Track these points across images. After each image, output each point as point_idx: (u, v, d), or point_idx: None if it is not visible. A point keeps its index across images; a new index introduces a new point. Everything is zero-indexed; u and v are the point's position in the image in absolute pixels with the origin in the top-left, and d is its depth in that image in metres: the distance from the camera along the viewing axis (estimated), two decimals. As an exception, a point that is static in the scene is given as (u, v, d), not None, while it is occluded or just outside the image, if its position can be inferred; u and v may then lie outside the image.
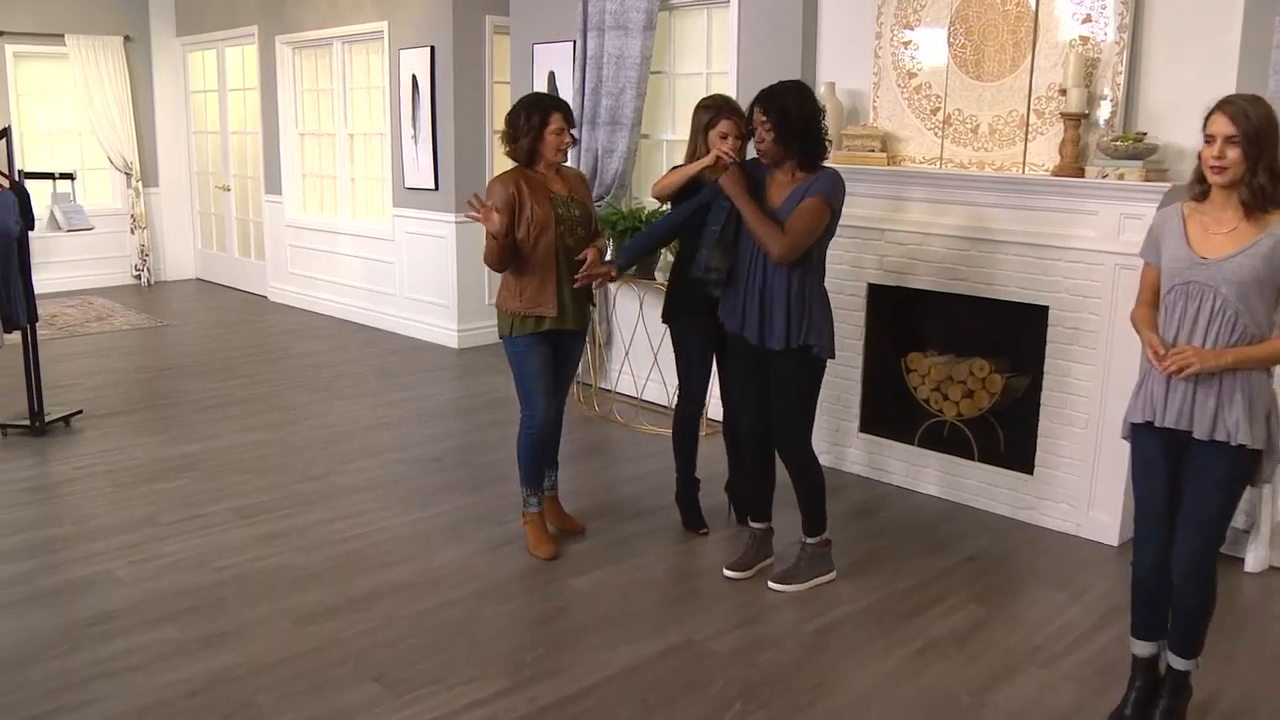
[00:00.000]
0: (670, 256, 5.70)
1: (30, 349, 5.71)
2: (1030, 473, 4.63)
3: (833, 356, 3.84)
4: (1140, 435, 2.94)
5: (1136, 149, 4.11)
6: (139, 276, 10.74)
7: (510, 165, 4.10)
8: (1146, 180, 4.08)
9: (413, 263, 8.33)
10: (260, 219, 10.20)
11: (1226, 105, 2.70)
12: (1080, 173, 4.30)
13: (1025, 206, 4.48)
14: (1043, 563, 4.26)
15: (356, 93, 8.88)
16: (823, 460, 4.12)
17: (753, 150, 3.82)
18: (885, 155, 4.93)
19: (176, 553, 4.20)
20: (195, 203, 11.23)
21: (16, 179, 5.60)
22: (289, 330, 8.72)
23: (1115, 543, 4.37)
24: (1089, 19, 4.33)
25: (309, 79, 9.38)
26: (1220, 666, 3.36)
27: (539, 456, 4.21)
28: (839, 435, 5.26)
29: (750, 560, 4.06)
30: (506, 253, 3.94)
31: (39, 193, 6.31)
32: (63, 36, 9.93)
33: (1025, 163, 4.56)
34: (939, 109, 4.83)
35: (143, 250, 10.68)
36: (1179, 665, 3.00)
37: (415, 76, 7.91)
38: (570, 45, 6.61)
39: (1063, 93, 4.34)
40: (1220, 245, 2.77)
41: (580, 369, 4.90)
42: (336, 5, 8.64)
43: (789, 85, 3.70)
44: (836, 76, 5.19)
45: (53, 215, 6.24)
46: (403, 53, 8.01)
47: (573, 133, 4.03)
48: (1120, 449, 4.27)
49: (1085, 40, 4.35)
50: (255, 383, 6.93)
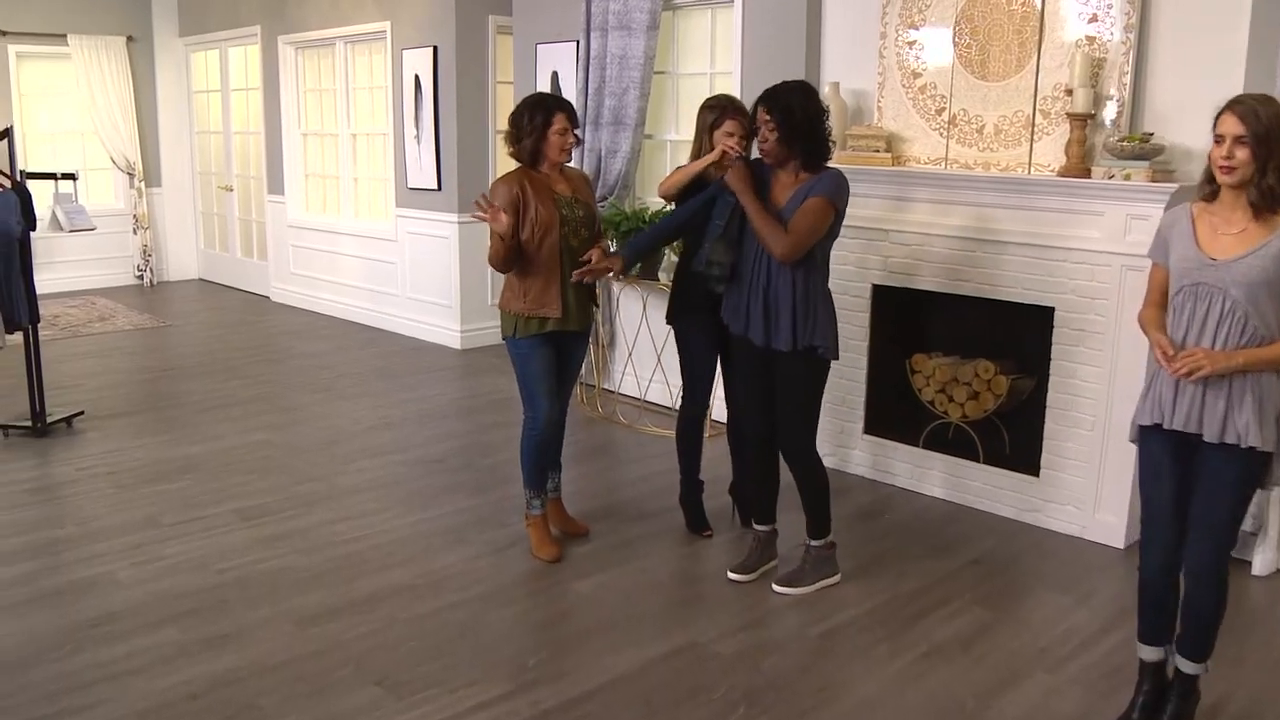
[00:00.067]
0: (674, 257, 5.69)
1: (32, 350, 5.70)
2: (1036, 475, 4.61)
3: (837, 358, 3.83)
4: (1148, 438, 2.92)
5: (1143, 149, 4.09)
6: (142, 277, 10.74)
7: (514, 166, 4.08)
8: (1153, 181, 4.05)
9: (415, 263, 8.32)
10: (263, 219, 10.19)
11: (1236, 105, 2.68)
12: (1086, 173, 4.28)
13: (1031, 207, 4.45)
14: (1048, 565, 4.24)
15: (359, 93, 8.87)
16: (827, 462, 4.10)
17: (756, 150, 3.80)
18: (890, 156, 4.91)
19: (178, 554, 4.19)
20: (198, 203, 11.22)
21: (18, 179, 5.58)
22: (291, 331, 8.71)
23: (1121, 545, 4.35)
24: (1095, 19, 4.31)
25: (311, 79, 9.37)
26: (1228, 670, 3.33)
27: (542, 458, 4.19)
28: (843, 437, 5.24)
29: (754, 563, 4.04)
30: (512, 254, 3.92)
31: (41, 193, 6.30)
32: (65, 37, 9.92)
33: (1031, 163, 4.54)
34: (944, 109, 4.81)
35: (145, 250, 10.69)
36: (1188, 669, 2.97)
37: (418, 76, 7.90)
38: (573, 45, 6.60)
39: (1069, 93, 4.33)
40: (1229, 246, 2.74)
41: (583, 370, 4.88)
42: (339, 5, 8.62)
43: (793, 85, 3.69)
44: (841, 76, 5.17)
45: (54, 216, 6.22)
46: (405, 53, 7.99)
47: (576, 133, 4.02)
48: (1126, 451, 4.25)
49: (1091, 40, 4.33)
50: (257, 383, 6.92)
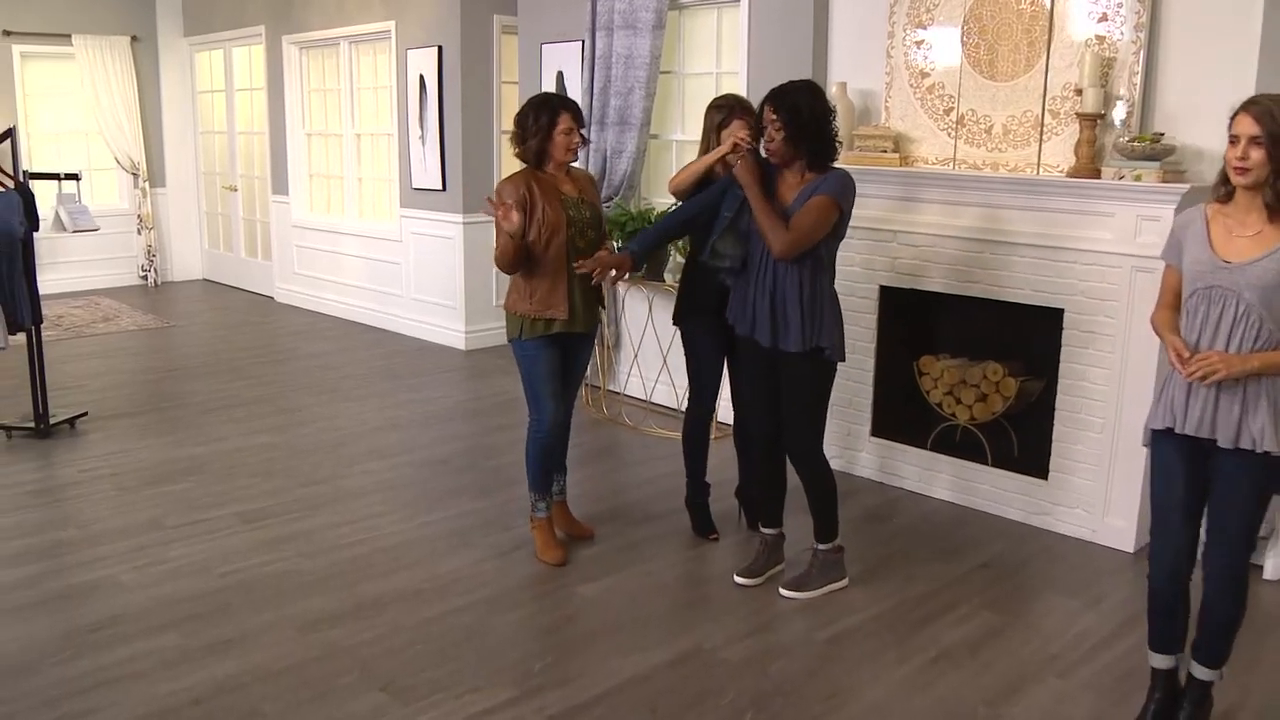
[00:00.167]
0: (680, 258, 5.67)
1: (35, 351, 5.68)
2: (1044, 478, 4.57)
3: (843, 359, 3.80)
4: (1160, 442, 2.88)
5: (1153, 150, 4.05)
6: (146, 277, 10.73)
7: (520, 167, 4.05)
8: (1164, 182, 4.02)
9: (420, 264, 8.29)
10: (267, 219, 10.17)
11: (1252, 105, 2.64)
12: (1096, 174, 4.24)
13: (1040, 208, 4.42)
14: (1057, 569, 4.20)
15: (364, 93, 8.85)
16: (834, 464, 4.07)
17: (763, 150, 3.77)
18: (897, 156, 4.88)
19: (181, 557, 4.16)
20: (202, 203, 11.21)
21: (21, 180, 5.56)
22: (295, 331, 8.69)
23: (1131, 549, 4.31)
24: (1105, 18, 4.27)
25: (316, 79, 9.35)
26: (1240, 676, 3.29)
27: (547, 461, 4.16)
28: (850, 439, 5.20)
29: (761, 567, 4.01)
30: (520, 254, 3.89)
31: (44, 193, 6.28)
32: (69, 36, 9.91)
33: (1040, 164, 4.51)
34: (952, 109, 4.77)
35: (149, 251, 10.67)
36: (1203, 675, 2.94)
37: (423, 76, 7.87)
38: (579, 45, 6.57)
39: (1078, 93, 4.29)
40: (1244, 249, 2.70)
41: (588, 371, 4.85)
42: (343, 5, 8.60)
43: (800, 84, 3.66)
44: (848, 76, 5.13)
45: (58, 216, 6.21)
46: (410, 53, 7.97)
47: (582, 133, 3.99)
48: (1136, 454, 4.23)
49: (1101, 40, 4.29)
50: (261, 384, 6.90)
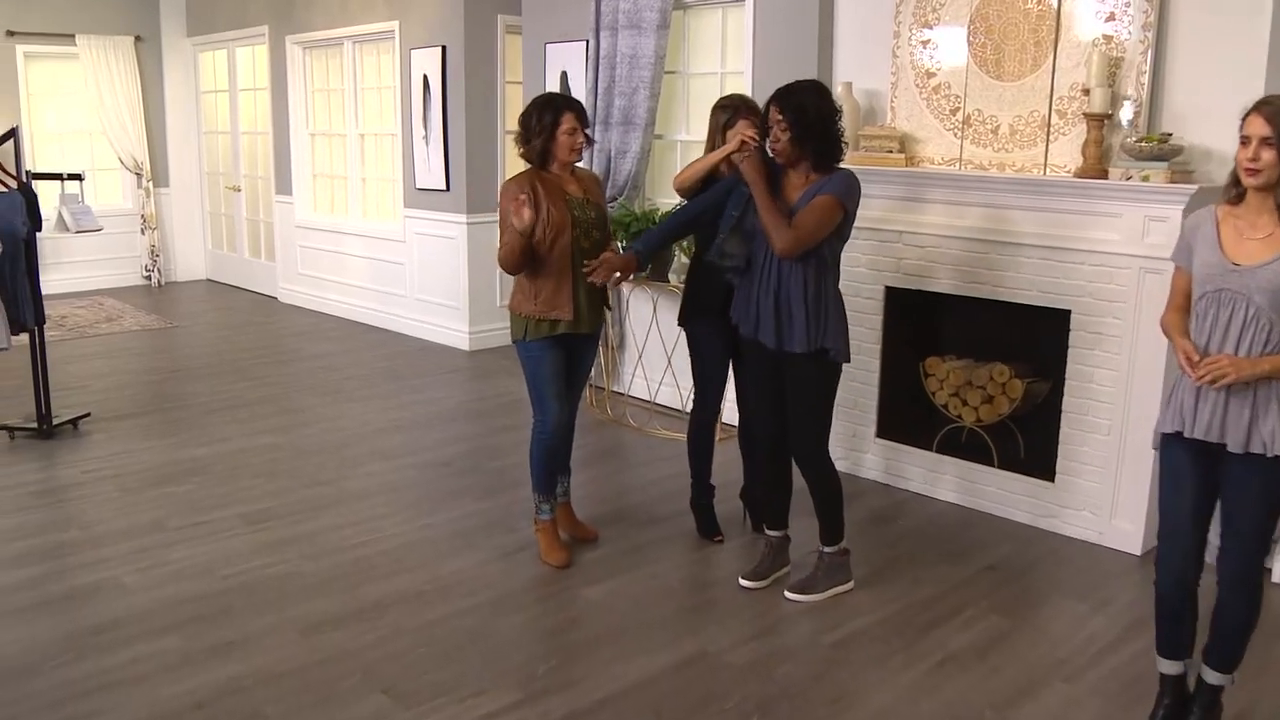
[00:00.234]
0: (685, 259, 5.65)
1: (38, 351, 5.67)
2: (1051, 480, 4.55)
3: (848, 360, 3.77)
4: (1170, 446, 2.86)
5: (1161, 150, 4.02)
6: (149, 277, 10.72)
7: (524, 167, 4.03)
8: (1172, 182, 3.99)
9: (423, 264, 8.28)
10: (270, 219, 10.16)
11: (1264, 106, 2.61)
12: (1103, 174, 4.21)
13: (1047, 209, 4.39)
14: (1064, 572, 4.18)
15: (367, 93, 8.83)
16: (839, 466, 4.04)
17: (768, 150, 3.74)
18: (903, 156, 4.85)
19: (183, 559, 4.15)
20: (205, 203, 11.20)
21: (24, 180, 5.55)
22: (299, 332, 8.68)
23: (1138, 552, 4.29)
24: (1112, 17, 4.25)
25: (320, 79, 9.34)
26: (1250, 681, 3.26)
27: (552, 462, 4.14)
28: (856, 441, 5.18)
29: (766, 569, 3.99)
30: (526, 254, 3.86)
31: (47, 194, 6.27)
32: (73, 37, 9.90)
33: (1047, 164, 4.48)
34: (958, 109, 4.75)
35: (153, 251, 10.67)
36: (1214, 680, 2.91)
37: (426, 76, 7.85)
38: (583, 45, 6.55)
39: (1085, 93, 4.26)
40: (1255, 252, 2.67)
41: (592, 372, 4.83)
42: (347, 5, 8.59)
43: (806, 84, 3.63)
44: (853, 76, 5.10)
45: (61, 216, 6.19)
46: (414, 52, 7.95)
47: (587, 133, 3.97)
48: (1143, 456, 4.21)
49: (1109, 39, 4.27)
50: (265, 385, 6.89)
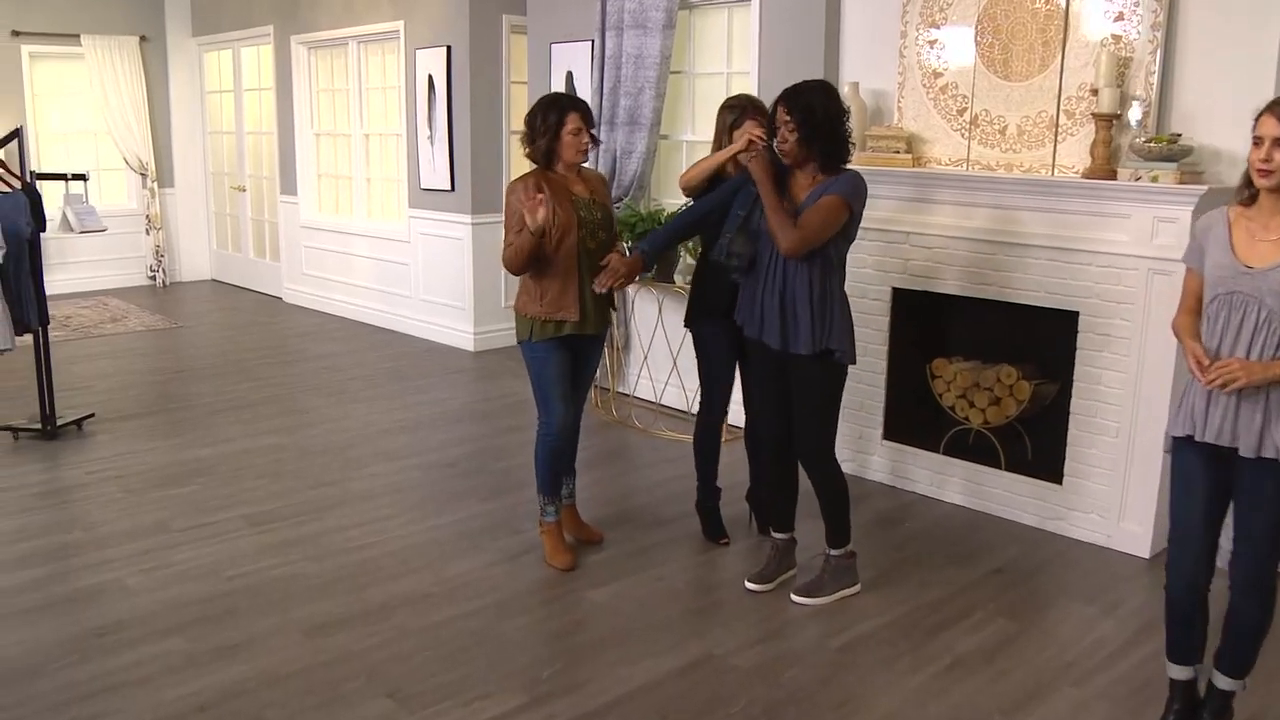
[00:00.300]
0: (690, 259, 5.62)
1: (41, 352, 5.65)
2: (1059, 482, 4.52)
3: (854, 362, 3.75)
4: (1181, 450, 2.83)
5: (1170, 150, 4.00)
6: (154, 277, 10.71)
7: (529, 167, 4.01)
8: (1181, 183, 3.96)
9: (428, 264, 8.26)
10: (275, 220, 10.15)
11: (1277, 106, 2.58)
12: (1112, 175, 4.19)
13: (1055, 209, 4.37)
14: (1072, 575, 4.15)
15: (372, 93, 8.82)
16: (845, 468, 4.02)
17: (775, 151, 3.72)
18: (910, 157, 4.83)
19: (187, 561, 4.13)
20: (210, 203, 11.20)
21: (28, 180, 5.54)
22: (303, 332, 8.67)
23: (1147, 555, 4.26)
24: (1121, 17, 4.22)
25: (324, 79, 9.33)
26: (1261, 686, 3.21)
27: (557, 464, 4.12)
28: (862, 443, 5.15)
29: (772, 572, 3.96)
30: (533, 255, 3.84)
31: (51, 194, 6.26)
32: (78, 37, 9.90)
33: (1055, 165, 4.45)
34: (966, 109, 4.72)
35: (158, 251, 10.66)
36: (1225, 685, 2.88)
37: (431, 76, 7.84)
38: (588, 45, 6.53)
39: (1094, 93, 4.24)
40: (1267, 254, 2.65)
41: (597, 373, 4.81)
42: (352, 5, 8.58)
43: (814, 84, 3.61)
44: (860, 76, 5.08)
45: (65, 216, 6.19)
46: (419, 52, 7.94)
47: (592, 133, 3.95)
48: (1152, 459, 4.19)
49: (1117, 39, 4.24)
50: (269, 385, 6.87)
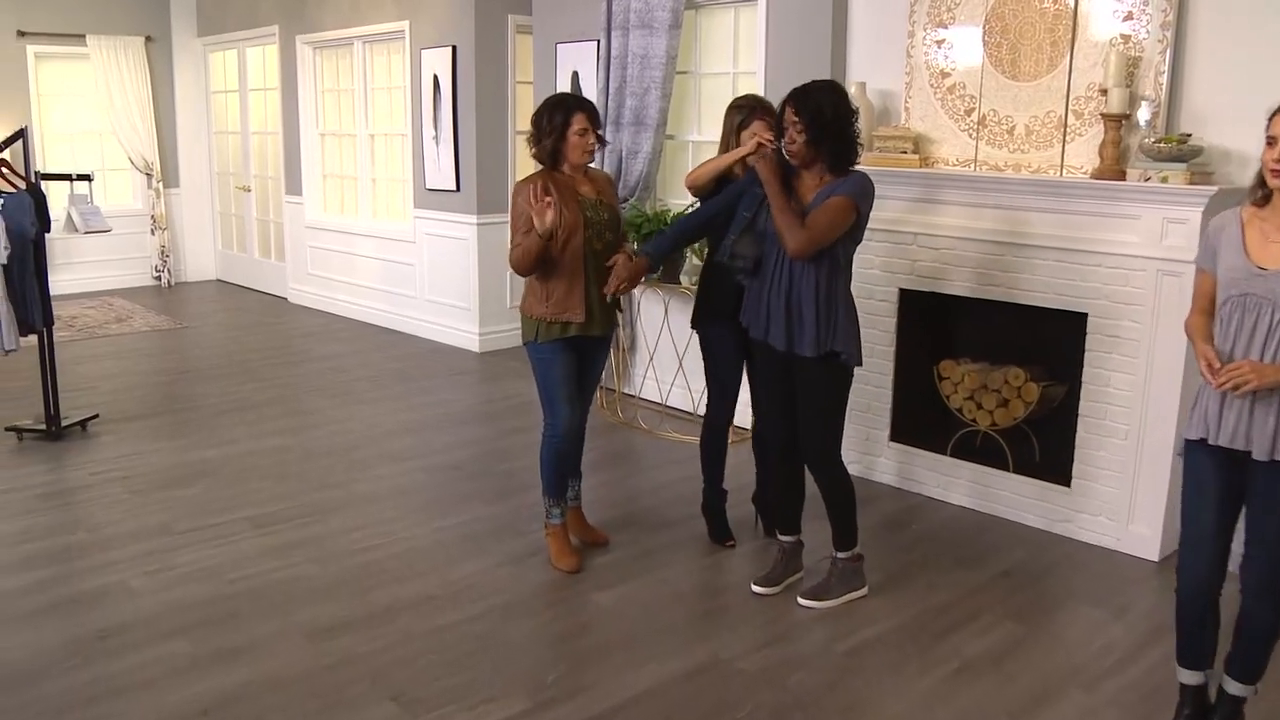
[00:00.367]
0: (697, 260, 5.60)
1: (46, 353, 5.64)
2: (1067, 485, 4.49)
3: (860, 364, 3.72)
4: (1194, 453, 2.80)
5: (1180, 151, 3.97)
6: (159, 277, 10.71)
7: (535, 168, 3.99)
8: (1191, 183, 3.93)
9: (433, 265, 8.25)
10: (280, 220, 10.14)
11: (1291, 106, 2.56)
12: (1121, 175, 4.16)
13: (1063, 210, 4.33)
14: (1081, 578, 4.12)
15: (377, 93, 8.81)
16: (852, 470, 3.99)
17: (783, 151, 3.70)
18: (917, 157, 4.80)
19: (191, 563, 4.11)
20: (215, 203, 11.19)
21: (32, 180, 5.53)
22: (308, 332, 8.65)
23: (1156, 558, 4.23)
24: (1130, 16, 4.19)
25: (330, 79, 9.32)
26: (1274, 691, 3.18)
27: (562, 466, 4.10)
28: (869, 444, 5.12)
29: (779, 575, 3.94)
30: (540, 256, 3.82)
31: (56, 194, 6.26)
32: (84, 37, 9.90)
33: (1063, 165, 4.43)
34: (973, 110, 4.70)
35: (163, 251, 10.66)
36: (1236, 691, 2.85)
37: (437, 76, 7.82)
38: (594, 44, 6.51)
39: (1103, 93, 4.21)
40: (1280, 255, 2.62)
41: (603, 374, 4.79)
42: (357, 5, 8.56)
43: (822, 84, 3.58)
44: (867, 76, 5.06)
45: (69, 217, 6.18)
46: (424, 52, 7.92)
47: (599, 133, 3.92)
48: (1161, 461, 4.16)
49: (1126, 39, 4.21)
50: (274, 386, 6.86)
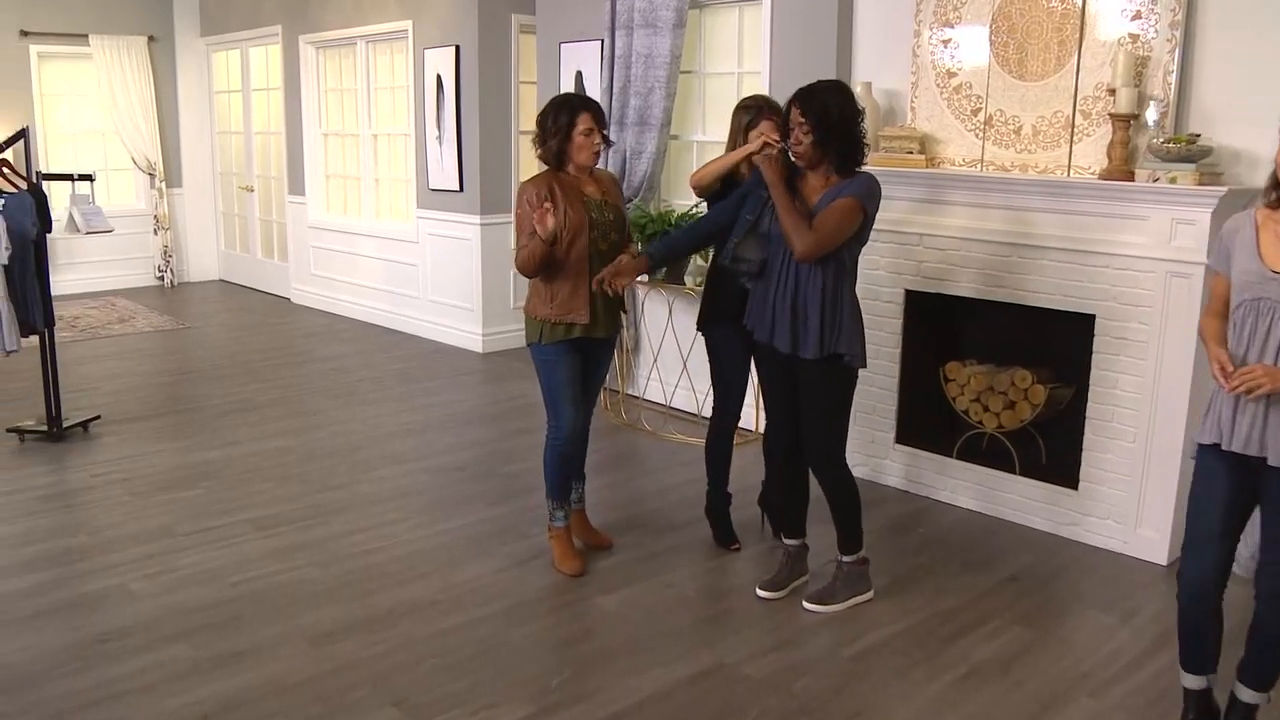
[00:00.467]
0: (701, 261, 5.57)
1: (47, 354, 5.62)
2: (1074, 487, 4.46)
3: (864, 366, 3.69)
4: (1206, 457, 2.77)
5: (1189, 151, 3.94)
6: (162, 278, 10.70)
7: (539, 168, 3.96)
8: (1200, 184, 3.90)
9: (437, 265, 8.22)
10: (283, 220, 10.13)
11: (1304, 106, 2.53)
12: (1129, 176, 4.12)
13: (1071, 211, 4.30)
14: (1089, 582, 4.09)
15: (380, 93, 8.79)
16: (857, 473, 3.97)
17: (789, 152, 3.67)
18: (923, 157, 4.77)
19: (192, 566, 4.09)
20: (218, 203, 11.18)
21: (34, 180, 5.51)
22: (311, 333, 8.64)
23: (1164, 562, 4.20)
24: (1138, 15, 4.16)
25: (333, 79, 9.30)
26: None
27: (566, 468, 4.07)
28: (874, 447, 5.09)
29: (784, 579, 3.91)
30: (546, 258, 3.79)
31: (58, 194, 6.23)
32: (87, 37, 9.89)
33: (1070, 165, 4.39)
34: (980, 110, 4.66)
35: (166, 251, 10.65)
36: (1248, 698, 2.82)
37: (440, 76, 7.80)
38: (598, 44, 6.48)
39: (1111, 93, 4.17)
40: (1294, 258, 2.59)
41: (607, 375, 4.76)
42: (360, 4, 8.54)
43: (829, 84, 3.56)
44: (873, 76, 5.02)
45: (71, 217, 6.16)
46: (427, 52, 7.90)
47: (605, 134, 3.89)
48: (1169, 464, 4.13)
49: (1134, 38, 4.18)
50: (276, 387, 6.84)
